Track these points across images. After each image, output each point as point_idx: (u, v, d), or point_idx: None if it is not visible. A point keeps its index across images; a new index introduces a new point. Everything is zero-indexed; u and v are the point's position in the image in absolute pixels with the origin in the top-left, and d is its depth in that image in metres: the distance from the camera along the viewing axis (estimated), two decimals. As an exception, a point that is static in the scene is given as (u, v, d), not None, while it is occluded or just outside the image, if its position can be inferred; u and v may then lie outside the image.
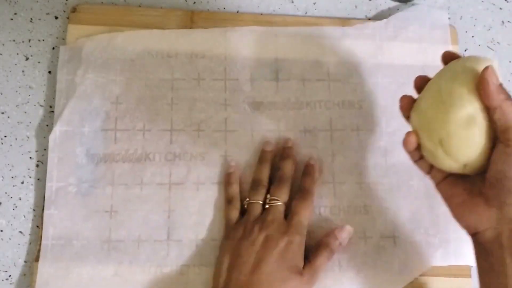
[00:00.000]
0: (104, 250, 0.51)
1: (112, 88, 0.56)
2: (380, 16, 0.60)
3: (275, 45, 0.58)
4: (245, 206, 0.52)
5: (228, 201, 0.52)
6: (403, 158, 0.54)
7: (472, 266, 0.52)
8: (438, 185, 0.44)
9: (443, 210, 0.53)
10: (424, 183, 0.54)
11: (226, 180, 0.53)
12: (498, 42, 0.61)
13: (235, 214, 0.51)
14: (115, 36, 0.57)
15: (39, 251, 0.51)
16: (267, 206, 0.51)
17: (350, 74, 0.57)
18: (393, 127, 0.56)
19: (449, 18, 0.60)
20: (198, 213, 0.53)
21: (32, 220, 0.53)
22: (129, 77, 0.56)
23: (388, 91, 0.57)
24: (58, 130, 0.54)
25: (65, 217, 0.52)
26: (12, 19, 0.59)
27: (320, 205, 0.53)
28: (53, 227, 0.52)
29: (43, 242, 0.51)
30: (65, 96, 0.55)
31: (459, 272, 0.53)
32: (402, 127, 0.55)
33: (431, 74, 0.57)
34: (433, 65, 0.57)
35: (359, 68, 0.57)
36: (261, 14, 0.60)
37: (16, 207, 0.54)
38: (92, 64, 0.56)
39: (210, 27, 0.58)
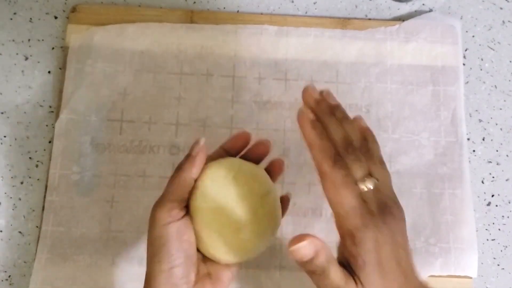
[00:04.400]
0: (103, 240, 0.51)
1: (120, 79, 0.56)
2: (380, 16, 0.60)
3: (285, 45, 0.58)
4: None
5: None
6: (407, 164, 0.54)
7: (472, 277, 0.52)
8: None
9: (445, 219, 0.53)
10: (427, 191, 0.54)
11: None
12: (498, 42, 0.60)
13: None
14: (126, 27, 0.57)
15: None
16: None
17: (359, 78, 0.57)
18: (398, 133, 0.55)
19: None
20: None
21: (32, 220, 0.53)
22: (138, 69, 0.56)
23: (396, 96, 0.56)
24: (64, 118, 0.54)
25: (66, 205, 0.52)
26: (11, 19, 0.59)
27: (322, 207, 0.53)
28: (54, 214, 0.52)
29: (42, 228, 0.51)
30: (73, 84, 0.55)
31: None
32: (408, 133, 0.56)
33: (440, 80, 0.57)
34: (442, 72, 0.57)
35: (368, 72, 0.57)
36: (261, 14, 0.60)
37: (16, 207, 0.54)
38: (101, 53, 0.56)
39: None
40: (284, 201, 0.46)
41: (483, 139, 0.57)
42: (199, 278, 0.40)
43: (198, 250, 0.40)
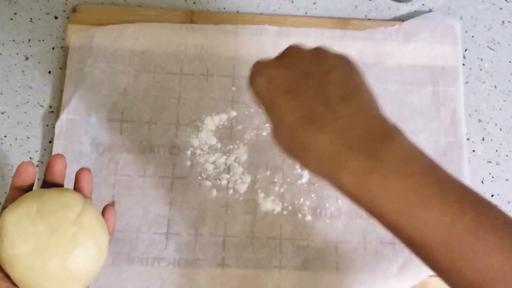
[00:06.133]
0: (103, 240, 0.51)
1: (121, 79, 0.56)
2: (380, 16, 0.60)
3: (285, 45, 0.57)
4: None
5: None
6: (407, 164, 0.54)
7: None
8: None
9: (445, 219, 0.53)
10: (427, 191, 0.54)
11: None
12: (498, 42, 0.60)
13: None
14: (126, 27, 0.57)
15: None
16: None
17: (359, 78, 0.57)
18: (399, 133, 0.55)
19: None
20: (198, 208, 0.53)
21: (32, 220, 0.53)
22: (138, 69, 0.56)
23: (395, 96, 0.57)
24: (65, 118, 0.54)
25: (66, 204, 0.52)
26: (12, 19, 0.59)
27: (321, 207, 0.53)
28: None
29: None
30: (74, 84, 0.55)
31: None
32: (408, 133, 0.55)
33: (440, 81, 0.57)
34: (441, 72, 0.57)
35: (368, 73, 0.57)
36: (261, 14, 0.60)
37: (16, 207, 0.54)
38: (102, 53, 0.56)
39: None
40: (108, 210, 0.42)
41: (483, 139, 0.57)
42: None
43: None
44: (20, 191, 0.40)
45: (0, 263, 0.37)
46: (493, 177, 0.56)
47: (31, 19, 0.59)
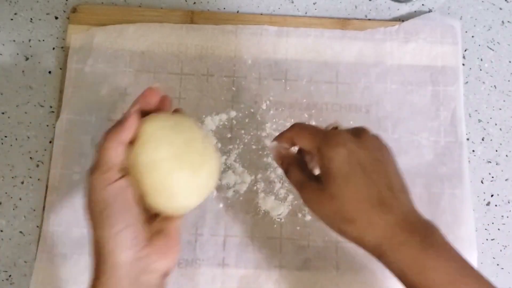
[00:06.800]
0: (103, 240, 0.51)
1: (121, 79, 0.56)
2: (380, 16, 0.60)
3: (285, 45, 0.58)
4: None
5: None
6: (407, 165, 0.54)
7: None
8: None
9: (445, 219, 0.53)
10: (426, 191, 0.54)
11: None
12: (498, 42, 0.60)
13: None
14: (126, 27, 0.57)
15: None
16: None
17: (359, 78, 0.57)
18: (398, 133, 0.56)
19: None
20: (199, 208, 0.53)
21: (32, 220, 0.54)
22: (138, 69, 0.56)
23: (395, 96, 0.57)
24: (65, 118, 0.54)
25: (66, 204, 0.52)
26: (12, 19, 0.59)
27: (321, 207, 0.53)
28: (55, 214, 0.52)
29: (43, 227, 0.52)
30: (74, 84, 0.55)
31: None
32: (408, 133, 0.56)
33: (439, 81, 0.57)
34: (441, 72, 0.57)
35: (368, 73, 0.57)
36: (261, 14, 0.60)
37: (16, 207, 0.54)
38: (102, 54, 0.56)
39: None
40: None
41: (483, 139, 0.57)
42: (150, 237, 0.39)
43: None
44: (138, 114, 0.40)
45: (136, 170, 0.39)
46: (493, 177, 0.56)
47: (31, 19, 0.59)
